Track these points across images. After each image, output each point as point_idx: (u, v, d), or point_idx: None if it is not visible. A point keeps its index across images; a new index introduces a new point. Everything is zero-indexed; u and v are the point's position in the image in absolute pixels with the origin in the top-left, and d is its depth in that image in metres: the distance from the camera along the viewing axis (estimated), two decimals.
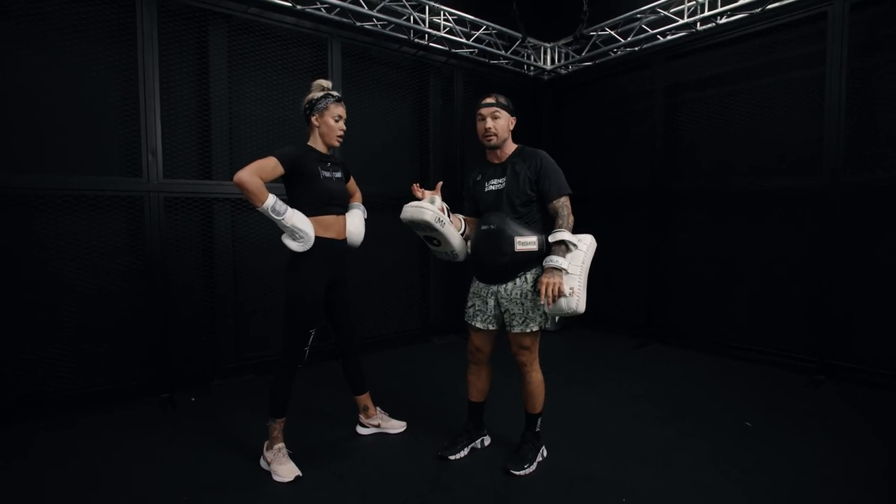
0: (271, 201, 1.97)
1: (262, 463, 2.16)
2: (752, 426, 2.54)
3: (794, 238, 3.49)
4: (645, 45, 4.27)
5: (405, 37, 4.02)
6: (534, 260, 2.07)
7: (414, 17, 3.92)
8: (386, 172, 4.11)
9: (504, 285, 2.10)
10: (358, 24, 3.71)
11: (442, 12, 4.06)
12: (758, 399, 2.91)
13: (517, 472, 2.10)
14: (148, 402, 2.89)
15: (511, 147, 2.18)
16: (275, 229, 2.12)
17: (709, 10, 3.75)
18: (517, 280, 2.08)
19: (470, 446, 2.31)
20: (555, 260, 1.95)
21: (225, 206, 3.27)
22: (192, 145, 3.22)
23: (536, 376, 2.17)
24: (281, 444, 2.15)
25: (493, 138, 2.11)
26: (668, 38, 4.10)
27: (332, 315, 2.35)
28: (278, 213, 1.98)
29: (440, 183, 2.31)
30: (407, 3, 3.82)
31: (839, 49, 3.13)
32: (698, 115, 4.01)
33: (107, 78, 2.91)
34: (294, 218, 2.02)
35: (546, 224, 2.12)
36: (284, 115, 3.57)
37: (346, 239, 2.29)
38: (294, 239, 2.05)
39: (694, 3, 3.81)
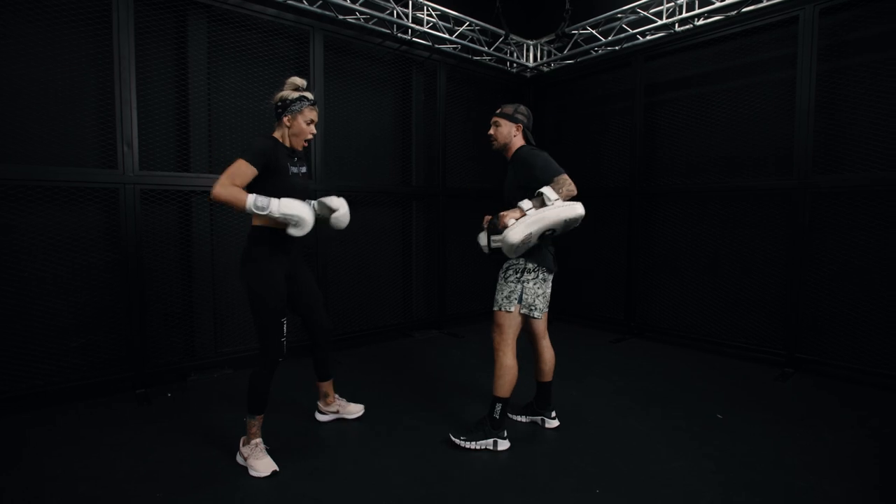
0: (251, 200, 1.93)
1: (239, 458, 2.14)
2: (722, 418, 2.62)
3: (767, 236, 3.60)
4: (625, 45, 4.34)
5: (388, 31, 4.01)
6: (501, 257, 2.30)
7: (397, 12, 3.91)
8: (368, 167, 4.11)
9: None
10: (340, 17, 3.69)
11: (425, 7, 4.06)
12: (730, 391, 3.01)
13: (452, 438, 2.28)
14: (124, 397, 2.85)
15: (513, 150, 2.41)
16: (251, 223, 2.10)
17: (686, 12, 3.83)
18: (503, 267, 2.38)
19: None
20: (523, 202, 2.17)
21: (203, 199, 3.23)
22: (170, 137, 3.16)
23: (502, 359, 2.28)
24: (258, 440, 2.13)
25: (494, 143, 2.44)
26: (648, 38, 4.17)
27: (297, 305, 2.33)
28: (262, 209, 1.94)
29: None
30: None
31: (809, 52, 3.23)
32: (677, 114, 4.10)
33: (81, 67, 2.84)
34: (281, 206, 1.96)
35: None
36: (265, 108, 3.53)
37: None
38: (292, 226, 2.00)
39: (672, 4, 3.89)
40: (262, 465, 2.05)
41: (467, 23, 4.33)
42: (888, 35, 3.05)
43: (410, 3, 3.94)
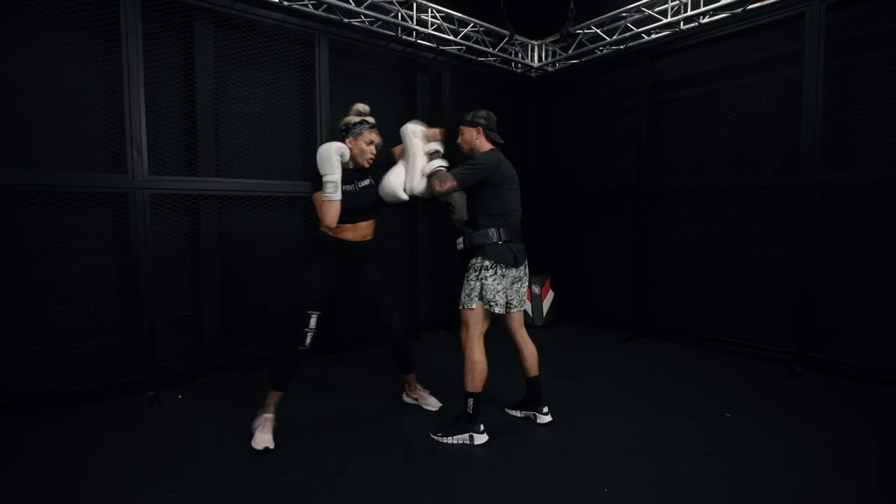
0: (327, 190, 2.21)
1: (254, 423, 2.34)
2: (730, 416, 2.60)
3: (776, 234, 3.57)
4: (630, 44, 4.32)
5: (393, 34, 4.02)
6: (465, 252, 2.45)
7: (401, 14, 3.92)
8: (374, 167, 4.11)
9: None
10: (345, 20, 3.71)
11: (430, 9, 4.07)
12: (739, 390, 2.99)
13: (431, 434, 2.40)
14: (135, 399, 2.88)
15: (479, 152, 2.51)
16: (261, 226, 2.14)
17: (692, 10, 3.81)
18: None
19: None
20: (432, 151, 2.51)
21: (211, 203, 3.26)
22: (179, 142, 3.19)
23: (468, 354, 2.37)
24: (270, 415, 2.33)
25: (462, 150, 2.58)
26: (653, 36, 4.16)
27: (362, 305, 2.57)
28: (329, 187, 2.21)
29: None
30: (395, 0, 3.83)
31: (816, 49, 3.21)
32: (683, 112, 4.08)
33: (91, 73, 2.88)
34: (328, 173, 2.21)
35: (498, 218, 2.41)
36: (272, 111, 3.56)
37: (363, 241, 2.46)
38: (338, 155, 2.23)
39: (677, 2, 3.87)
40: (260, 439, 2.25)
41: (472, 24, 4.34)
42: None
43: (415, 5, 3.95)
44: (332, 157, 2.20)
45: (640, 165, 4.27)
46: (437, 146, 2.54)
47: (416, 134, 2.48)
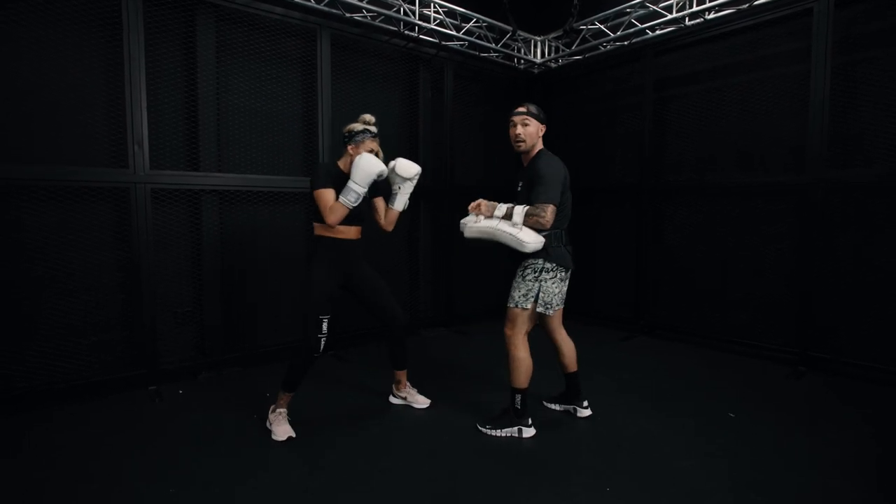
0: (343, 200, 2.28)
1: (267, 423, 2.43)
2: (734, 416, 2.59)
3: (779, 233, 3.55)
4: (634, 40, 4.28)
5: (395, 28, 4.00)
6: (517, 254, 2.33)
7: (404, 9, 3.90)
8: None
9: None
10: (347, 15, 3.69)
11: (432, 4, 4.04)
12: (741, 389, 2.97)
13: (479, 426, 2.45)
14: (137, 395, 2.88)
15: (535, 152, 2.41)
16: (262, 221, 2.14)
17: (697, 6, 3.77)
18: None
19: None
20: (508, 207, 2.32)
21: (212, 198, 3.25)
22: (180, 136, 3.19)
23: (514, 352, 2.37)
24: (283, 410, 2.42)
25: (522, 144, 2.38)
26: (657, 32, 4.12)
27: (363, 301, 2.59)
28: (351, 200, 2.28)
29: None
30: None
31: (824, 45, 3.17)
32: (687, 109, 4.05)
33: (92, 67, 2.87)
34: (356, 179, 2.28)
35: (559, 220, 2.34)
36: (273, 107, 3.55)
37: (356, 239, 2.51)
38: (377, 176, 2.31)
39: None
40: (280, 430, 2.35)
41: (474, 19, 4.31)
42: None
43: (417, 0, 3.93)
44: (372, 175, 2.28)
45: (642, 163, 4.25)
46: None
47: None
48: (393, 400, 2.82)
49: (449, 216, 4.45)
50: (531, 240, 2.21)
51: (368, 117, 2.48)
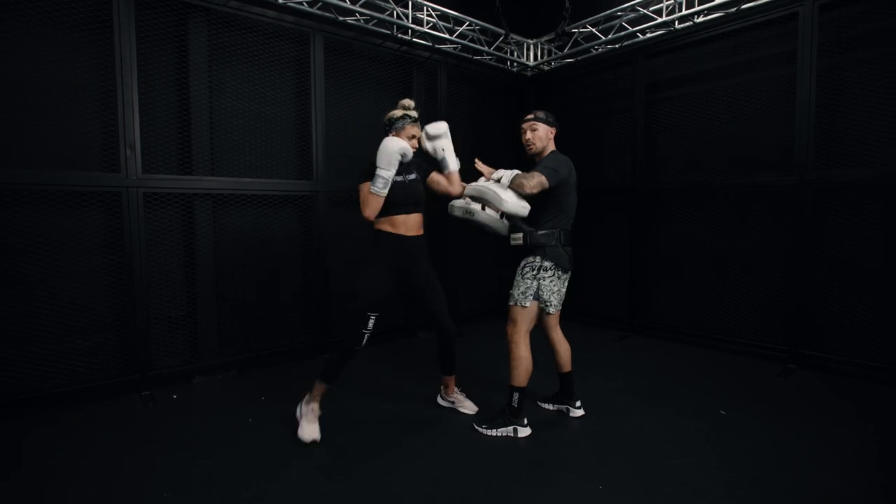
0: (371, 189, 2.28)
1: (297, 412, 2.42)
2: (725, 414, 2.62)
3: (768, 233, 3.60)
4: (625, 43, 4.33)
5: (388, 32, 4.01)
6: (520, 251, 2.45)
7: (397, 13, 3.92)
8: (371, 166, 4.10)
9: None
10: (340, 18, 3.70)
11: (425, 8, 4.06)
12: (732, 387, 3.01)
13: (476, 426, 2.47)
14: (130, 399, 2.86)
15: (546, 153, 2.49)
16: (256, 225, 2.13)
17: (686, 9, 3.83)
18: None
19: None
20: (497, 172, 2.47)
21: (206, 202, 3.24)
22: (172, 140, 3.18)
23: (515, 350, 2.41)
24: (316, 405, 2.39)
25: (532, 147, 2.50)
26: (648, 35, 4.17)
27: (418, 302, 2.58)
28: (381, 187, 2.26)
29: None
30: None
31: (809, 49, 3.23)
32: (678, 111, 4.09)
33: (83, 70, 2.85)
34: (380, 164, 2.26)
35: (559, 219, 2.44)
36: (266, 110, 3.54)
37: (417, 235, 2.47)
38: (400, 155, 2.27)
39: (672, 1, 3.88)
40: (308, 430, 2.31)
41: (467, 23, 4.34)
42: (890, 31, 3.04)
43: (410, 3, 3.94)
44: (393, 155, 2.24)
45: (634, 164, 4.29)
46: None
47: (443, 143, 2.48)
48: (441, 402, 2.80)
49: (444, 217, 4.46)
50: (510, 199, 2.29)
51: (408, 102, 2.45)
